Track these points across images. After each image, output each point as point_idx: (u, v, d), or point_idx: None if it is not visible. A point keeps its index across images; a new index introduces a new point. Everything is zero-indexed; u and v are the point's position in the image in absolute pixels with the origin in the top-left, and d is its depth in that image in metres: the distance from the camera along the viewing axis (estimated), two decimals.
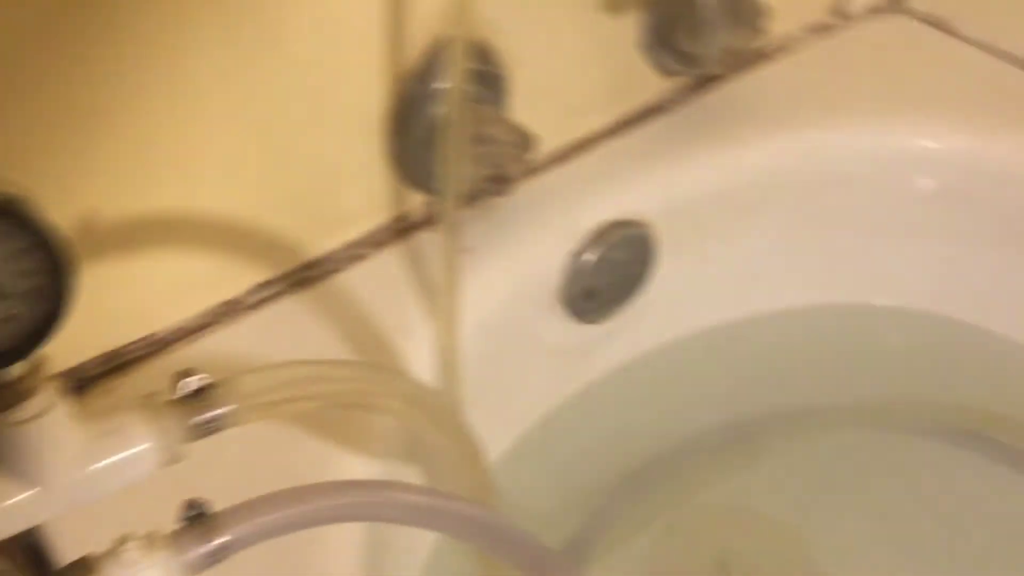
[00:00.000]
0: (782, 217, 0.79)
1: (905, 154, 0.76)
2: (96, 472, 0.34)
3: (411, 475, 0.58)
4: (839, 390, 0.84)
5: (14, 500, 0.33)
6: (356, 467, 0.54)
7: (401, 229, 0.67)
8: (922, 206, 0.79)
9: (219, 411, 0.36)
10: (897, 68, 0.83)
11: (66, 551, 0.38)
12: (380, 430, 0.56)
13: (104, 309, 0.55)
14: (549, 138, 0.71)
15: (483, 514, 0.44)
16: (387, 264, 0.65)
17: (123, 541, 0.34)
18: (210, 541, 0.35)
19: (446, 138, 0.53)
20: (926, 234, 0.81)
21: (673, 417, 0.82)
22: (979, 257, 0.81)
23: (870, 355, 0.87)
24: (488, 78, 0.62)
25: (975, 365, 0.85)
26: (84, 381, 0.57)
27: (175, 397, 0.36)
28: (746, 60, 0.81)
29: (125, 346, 0.58)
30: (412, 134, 0.60)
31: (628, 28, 0.72)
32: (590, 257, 0.70)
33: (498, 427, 0.74)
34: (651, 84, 0.77)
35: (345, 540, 0.51)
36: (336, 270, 0.64)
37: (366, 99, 0.60)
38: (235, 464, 0.48)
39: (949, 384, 0.84)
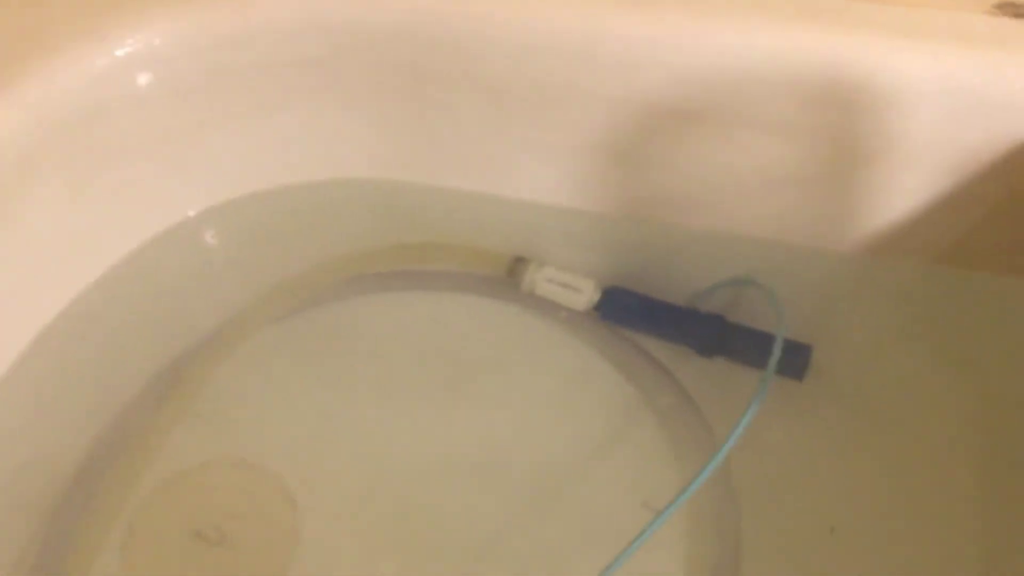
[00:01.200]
0: (60, 173, 0.72)
1: (117, 61, 0.70)
2: None
3: None
4: (243, 292, 0.82)
5: None
6: None
7: None
8: (156, 103, 0.75)
9: None
10: None
11: None
12: None
13: None
14: None
15: None
16: None
17: None
18: None
19: None
20: (173, 130, 0.78)
21: (72, 417, 0.75)
22: (262, 122, 0.81)
23: (249, 247, 0.86)
24: None
25: (346, 215, 0.87)
26: None
27: None
28: None
29: None
30: None
31: None
32: None
33: None
34: None
35: None
36: None
37: None
38: None
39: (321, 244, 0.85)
